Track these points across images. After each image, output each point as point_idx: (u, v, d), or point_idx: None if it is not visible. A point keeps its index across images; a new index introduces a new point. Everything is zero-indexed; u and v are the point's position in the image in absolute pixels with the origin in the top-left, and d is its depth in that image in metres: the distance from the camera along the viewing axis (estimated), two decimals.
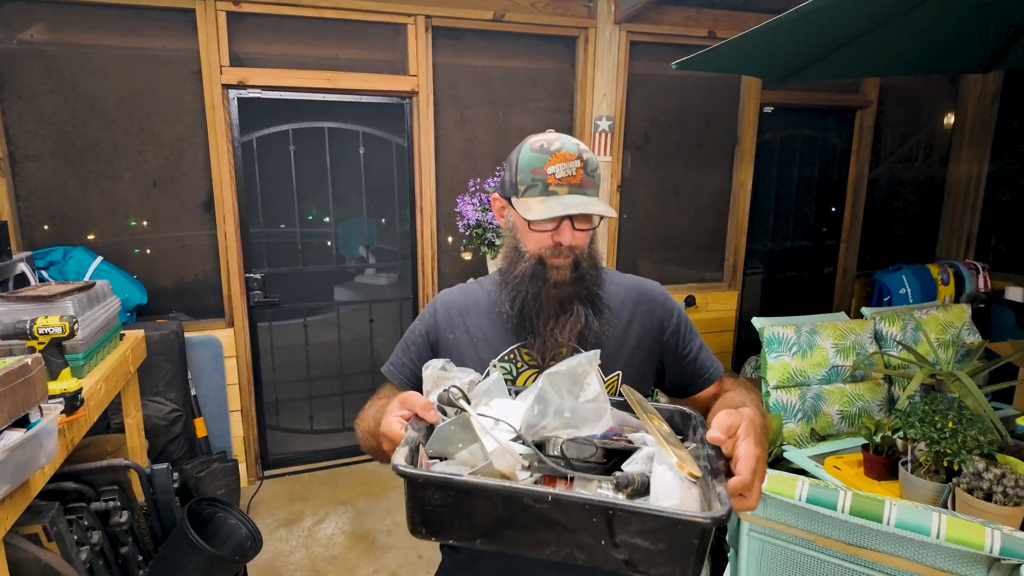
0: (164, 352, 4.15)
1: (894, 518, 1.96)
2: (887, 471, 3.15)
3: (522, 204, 1.62)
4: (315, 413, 5.20)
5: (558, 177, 1.58)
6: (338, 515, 4.46)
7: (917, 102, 6.33)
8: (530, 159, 1.62)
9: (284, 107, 4.59)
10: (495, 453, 1.30)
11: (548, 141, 1.62)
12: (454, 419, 1.37)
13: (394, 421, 1.41)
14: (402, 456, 1.24)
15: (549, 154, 1.60)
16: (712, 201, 5.79)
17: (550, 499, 1.16)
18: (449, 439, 1.37)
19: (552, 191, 1.59)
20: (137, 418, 3.44)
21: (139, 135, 4.28)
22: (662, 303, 1.83)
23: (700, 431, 1.45)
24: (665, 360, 1.83)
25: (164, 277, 4.51)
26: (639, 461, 1.31)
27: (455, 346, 1.80)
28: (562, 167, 1.59)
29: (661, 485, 1.22)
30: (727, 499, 1.16)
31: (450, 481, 1.20)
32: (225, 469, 4.32)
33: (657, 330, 1.80)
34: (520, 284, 1.70)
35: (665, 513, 1.14)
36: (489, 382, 1.50)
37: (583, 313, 1.68)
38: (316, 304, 5.01)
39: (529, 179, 1.61)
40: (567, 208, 1.55)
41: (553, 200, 1.58)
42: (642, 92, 5.32)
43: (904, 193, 6.48)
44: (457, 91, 4.88)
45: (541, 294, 1.68)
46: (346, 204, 4.90)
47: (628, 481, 1.25)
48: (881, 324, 4.30)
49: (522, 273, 1.69)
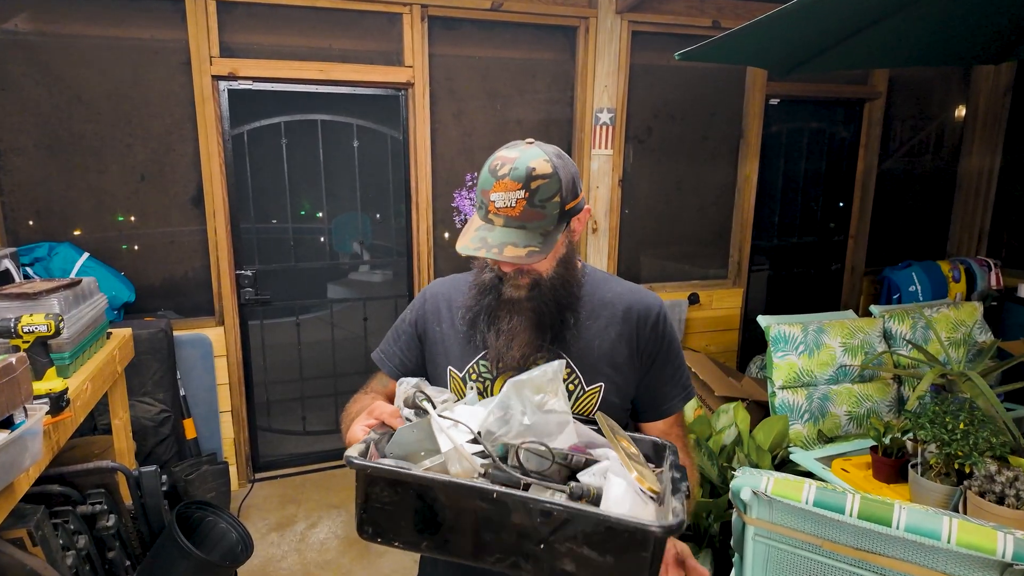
0: (152, 351, 4.15)
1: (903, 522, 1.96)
2: (896, 474, 3.15)
3: (469, 223, 1.62)
4: (308, 414, 5.20)
5: (497, 206, 1.54)
6: (331, 519, 4.46)
7: (927, 94, 6.33)
8: (484, 179, 1.57)
9: (276, 99, 4.58)
10: (450, 454, 1.31)
11: (503, 162, 1.55)
12: (416, 423, 1.37)
13: (358, 430, 1.44)
14: (356, 451, 1.27)
15: (496, 178, 1.54)
16: (716, 196, 5.79)
17: (495, 495, 1.16)
18: (410, 445, 1.37)
19: (490, 219, 1.56)
20: (124, 419, 3.44)
21: (126, 128, 4.27)
22: (652, 319, 1.79)
23: (671, 458, 1.45)
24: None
25: (152, 274, 4.51)
26: (596, 473, 1.31)
27: (440, 341, 1.81)
28: (502, 196, 1.53)
29: (613, 494, 1.21)
30: (681, 512, 1.15)
31: (397, 474, 1.21)
32: (215, 471, 4.32)
33: (636, 343, 1.77)
34: (478, 294, 1.72)
35: (612, 517, 1.12)
36: (465, 400, 1.51)
37: (538, 328, 1.67)
38: (309, 302, 5.01)
39: (479, 199, 1.58)
40: (482, 247, 1.52)
41: (483, 231, 1.55)
42: (644, 84, 5.32)
43: (914, 187, 6.48)
44: (454, 83, 4.88)
45: (497, 309, 1.69)
46: (340, 199, 4.90)
47: (583, 492, 1.24)
48: (890, 322, 4.30)
49: (482, 283, 1.71)
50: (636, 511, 1.20)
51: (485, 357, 1.73)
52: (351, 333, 5.16)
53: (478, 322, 1.71)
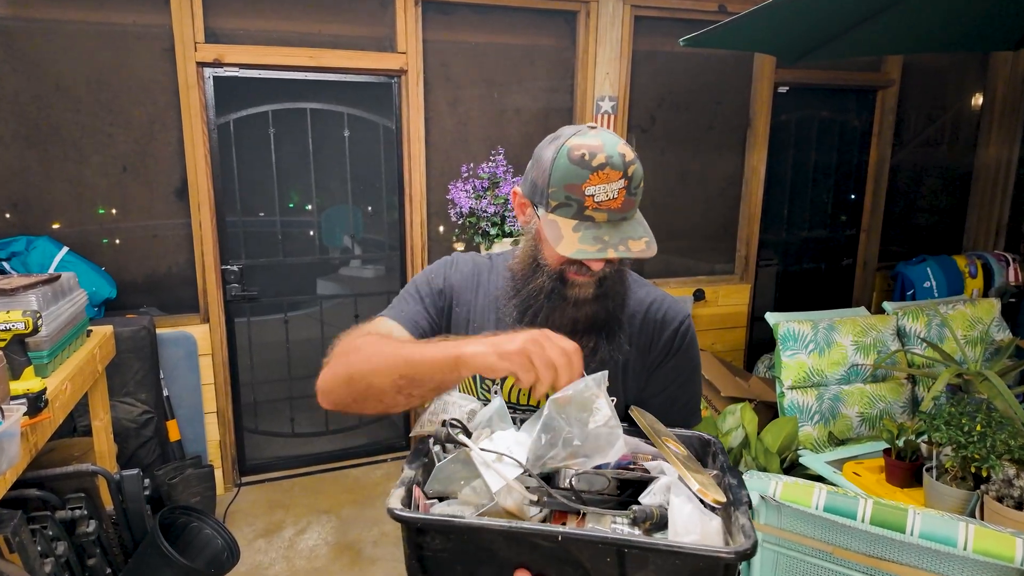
0: (134, 350, 4.15)
1: (918, 528, 1.96)
2: (910, 478, 3.15)
3: (551, 224, 1.49)
4: (296, 415, 5.20)
5: (597, 200, 1.44)
6: (321, 524, 4.46)
7: (943, 82, 6.33)
8: (567, 172, 1.46)
9: (263, 87, 4.57)
10: (501, 491, 1.28)
11: (591, 151, 1.45)
12: (454, 456, 1.34)
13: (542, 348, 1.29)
14: (397, 499, 1.22)
15: (590, 170, 1.44)
16: (723, 188, 5.79)
17: (560, 539, 1.15)
18: (450, 478, 1.33)
19: (587, 216, 1.46)
20: (105, 420, 3.44)
21: (107, 117, 4.26)
22: (671, 329, 1.74)
23: (720, 458, 1.44)
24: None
25: (134, 269, 4.50)
26: (657, 492, 1.29)
27: (462, 325, 1.75)
28: (603, 189, 1.44)
29: (680, 519, 1.20)
30: (752, 531, 1.15)
31: (450, 524, 1.19)
32: (200, 475, 4.32)
33: (648, 353, 1.73)
34: (533, 299, 1.61)
35: (686, 549, 1.12)
36: (491, 410, 1.47)
37: (595, 339, 1.62)
38: (298, 298, 5.00)
39: (563, 196, 1.47)
40: (605, 249, 1.44)
41: (589, 232, 1.45)
42: (648, 71, 5.32)
43: (929, 179, 6.48)
44: (449, 69, 4.87)
45: (556, 314, 1.60)
46: (330, 191, 4.89)
47: (646, 515, 1.23)
48: (904, 320, 4.31)
49: (539, 288, 1.60)
50: (705, 534, 1.19)
51: None
52: (342, 331, 5.15)
53: (531, 321, 1.61)
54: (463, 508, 1.30)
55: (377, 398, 1.44)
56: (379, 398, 1.44)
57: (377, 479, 5.03)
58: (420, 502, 1.30)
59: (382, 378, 1.41)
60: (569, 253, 1.44)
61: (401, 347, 1.44)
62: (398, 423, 5.44)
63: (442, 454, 1.41)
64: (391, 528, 4.37)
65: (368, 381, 1.44)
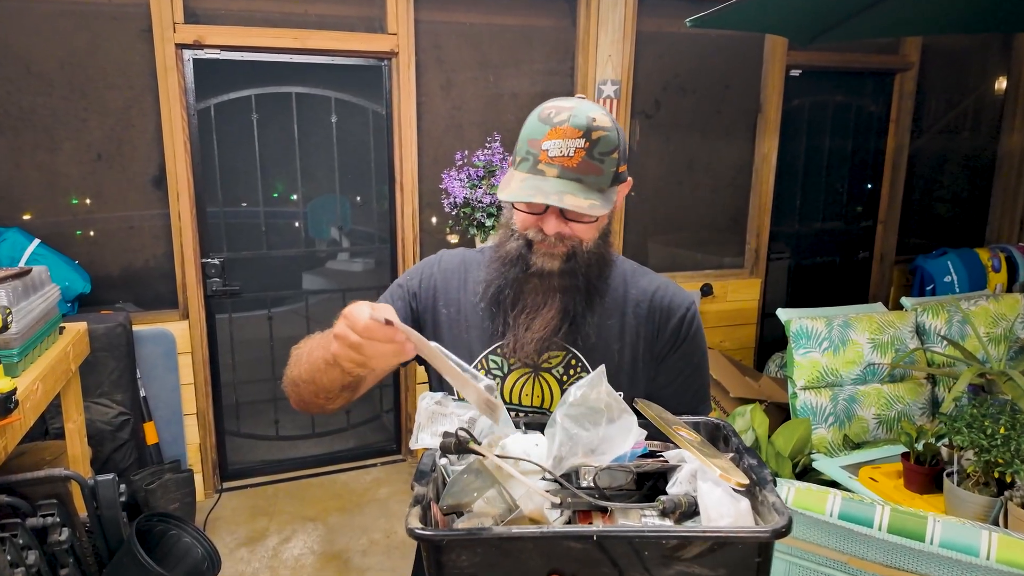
0: (110, 347, 4.14)
1: (938, 536, 1.96)
2: (930, 483, 3.16)
3: (508, 176, 1.58)
4: (281, 417, 5.20)
5: (551, 155, 1.51)
6: (307, 533, 4.46)
7: (965, 65, 6.33)
8: (532, 128, 1.55)
9: (246, 70, 4.56)
10: (524, 496, 1.29)
11: (558, 110, 1.54)
12: (466, 467, 1.34)
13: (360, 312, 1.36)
14: (415, 518, 1.22)
15: (550, 126, 1.52)
16: (732, 177, 5.79)
17: (595, 538, 1.16)
18: (463, 490, 1.33)
19: (539, 169, 1.53)
20: (79, 422, 3.43)
21: (81, 102, 4.25)
22: (677, 317, 1.75)
23: (734, 440, 1.47)
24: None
25: (110, 263, 4.49)
26: (682, 481, 1.32)
27: (447, 325, 1.76)
28: (558, 144, 1.51)
29: (711, 503, 1.23)
30: (783, 507, 1.18)
31: (478, 537, 1.19)
32: (179, 480, 4.31)
33: (654, 343, 1.75)
34: (501, 266, 1.67)
35: (723, 533, 1.16)
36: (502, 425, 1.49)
37: (564, 310, 1.65)
38: (282, 293, 4.99)
39: (525, 150, 1.55)
40: (537, 194, 1.50)
41: (534, 180, 1.52)
42: (652, 53, 5.31)
43: (950, 168, 6.49)
44: (442, 52, 4.86)
45: (520, 280, 1.65)
46: (316, 180, 4.89)
47: (675, 505, 1.26)
48: (923, 316, 4.31)
49: (507, 253, 1.66)
50: (738, 517, 1.22)
51: (495, 351, 1.71)
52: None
53: (500, 300, 1.67)
54: (482, 520, 1.30)
55: (328, 390, 1.55)
56: (331, 390, 1.55)
57: (366, 485, 5.03)
58: (438, 519, 1.30)
59: (319, 373, 1.53)
60: (504, 196, 1.54)
61: (313, 339, 1.59)
62: (388, 426, 5.44)
63: (450, 467, 1.42)
64: (380, 536, 4.37)
65: (314, 379, 1.55)
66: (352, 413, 5.35)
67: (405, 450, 5.36)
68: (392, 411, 5.41)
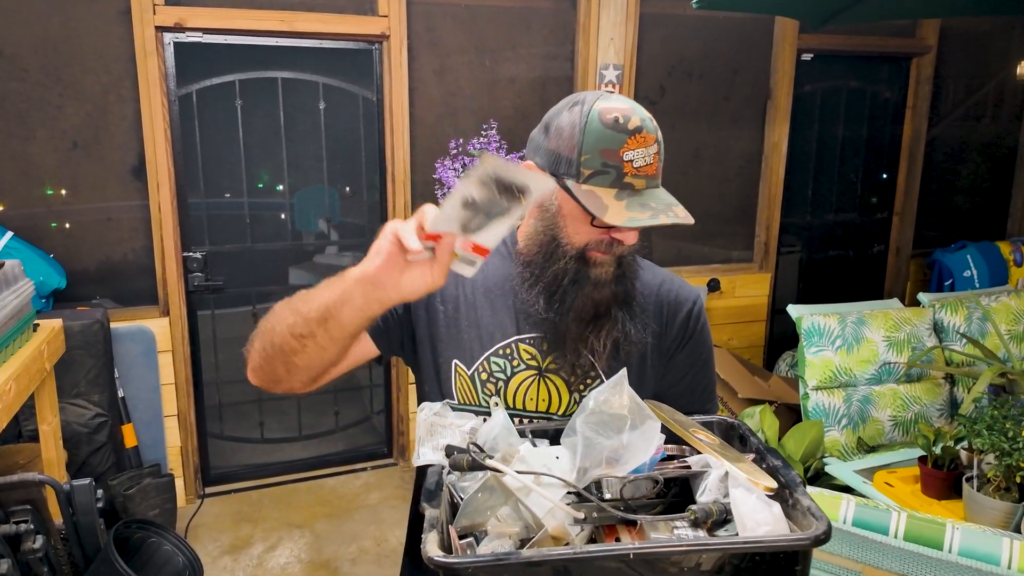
0: (86, 346, 4.13)
1: (957, 544, 1.96)
2: (948, 488, 3.16)
3: (589, 195, 1.50)
4: (266, 419, 5.20)
5: (636, 166, 1.50)
6: (293, 540, 4.46)
7: (984, 48, 6.32)
8: (601, 136, 1.48)
9: (229, 54, 4.55)
10: (548, 514, 1.27)
11: (623, 114, 1.50)
12: (481, 484, 1.33)
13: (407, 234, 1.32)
14: (435, 544, 1.19)
15: (627, 134, 1.48)
16: (740, 166, 5.79)
17: (632, 556, 1.15)
18: (478, 510, 1.32)
19: (627, 183, 1.50)
20: (54, 424, 3.43)
21: (56, 87, 4.24)
22: (684, 312, 1.77)
23: (752, 440, 1.47)
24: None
25: (86, 256, 4.48)
26: (712, 489, 1.32)
27: (446, 324, 1.73)
28: (641, 154, 1.50)
29: (746, 512, 1.23)
30: (820, 511, 1.18)
31: (508, 563, 1.17)
32: (159, 485, 4.31)
33: (660, 340, 1.75)
34: (555, 284, 1.61)
35: (765, 542, 1.16)
36: (496, 425, 1.46)
37: (620, 319, 1.63)
38: (267, 288, 4.99)
39: (599, 163, 1.49)
40: (657, 215, 1.48)
41: (635, 200, 1.49)
42: (657, 36, 5.30)
43: (969, 156, 6.48)
44: (436, 34, 4.85)
45: (580, 297, 1.60)
46: (303, 169, 4.88)
47: (707, 514, 1.25)
48: (941, 313, 4.31)
49: (561, 272, 1.60)
50: (772, 520, 1.22)
51: (498, 352, 1.68)
52: None
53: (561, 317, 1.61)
54: (503, 542, 1.28)
55: (306, 363, 1.54)
56: (307, 362, 1.54)
57: (356, 490, 5.03)
58: (456, 544, 1.28)
59: (293, 340, 1.51)
60: (621, 222, 1.47)
61: (291, 299, 1.56)
62: (379, 429, 5.44)
63: (459, 483, 1.40)
64: (371, 544, 4.37)
65: (281, 348, 1.55)
66: (341, 415, 5.34)
67: (396, 454, 5.36)
68: (383, 413, 5.41)
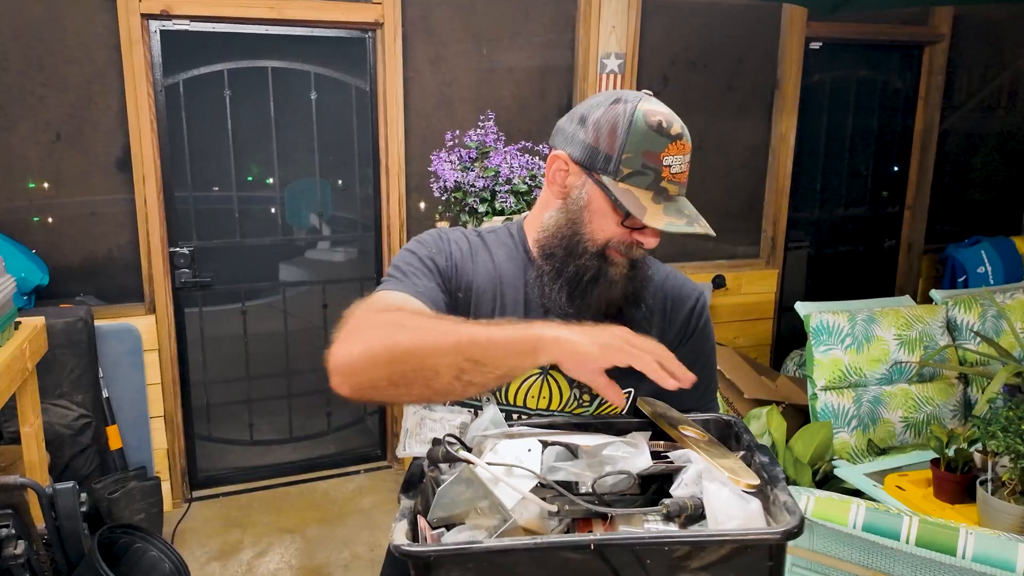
0: (69, 344, 4.13)
1: (971, 550, 1.96)
2: (962, 492, 3.16)
3: (626, 194, 1.55)
4: (255, 420, 5.20)
5: (673, 172, 1.56)
6: (284, 546, 4.45)
7: (1000, 36, 6.32)
8: (644, 137, 1.54)
9: (218, 42, 4.55)
10: (516, 506, 1.29)
11: (665, 119, 1.55)
12: (456, 476, 1.34)
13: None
14: (402, 533, 1.21)
15: (669, 139, 1.54)
16: (746, 158, 5.79)
17: (592, 547, 1.16)
18: (454, 501, 1.34)
19: (663, 188, 1.56)
20: (36, 426, 3.42)
21: (38, 77, 4.23)
22: (687, 308, 1.81)
23: (746, 437, 1.48)
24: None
25: (70, 252, 4.48)
26: (688, 483, 1.32)
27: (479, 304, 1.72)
28: (678, 161, 1.56)
29: (718, 505, 1.24)
30: (795, 506, 1.19)
31: (467, 551, 1.19)
32: (144, 489, 4.31)
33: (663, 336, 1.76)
34: (578, 279, 1.64)
35: (731, 536, 1.18)
36: (486, 420, 1.48)
37: (631, 317, 1.67)
38: (257, 285, 4.99)
39: (639, 163, 1.54)
40: (691, 223, 1.56)
41: (671, 205, 1.57)
42: (660, 24, 5.30)
43: (983, 148, 6.48)
44: (431, 22, 4.84)
45: (598, 296, 1.64)
46: (294, 162, 4.88)
47: (680, 508, 1.26)
48: (955, 310, 4.31)
49: (583, 268, 1.63)
50: (748, 519, 1.23)
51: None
52: (308, 323, 5.15)
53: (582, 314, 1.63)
54: (475, 533, 1.30)
55: (426, 382, 1.38)
56: (429, 382, 1.38)
57: (348, 494, 5.02)
58: (426, 534, 1.30)
59: (440, 359, 1.36)
60: (660, 225, 1.53)
61: (459, 325, 1.41)
62: (373, 431, 5.44)
63: (440, 476, 1.41)
64: (364, 550, 4.37)
65: (421, 361, 1.37)
66: (333, 416, 5.34)
67: (391, 456, 5.36)
68: (376, 414, 5.41)
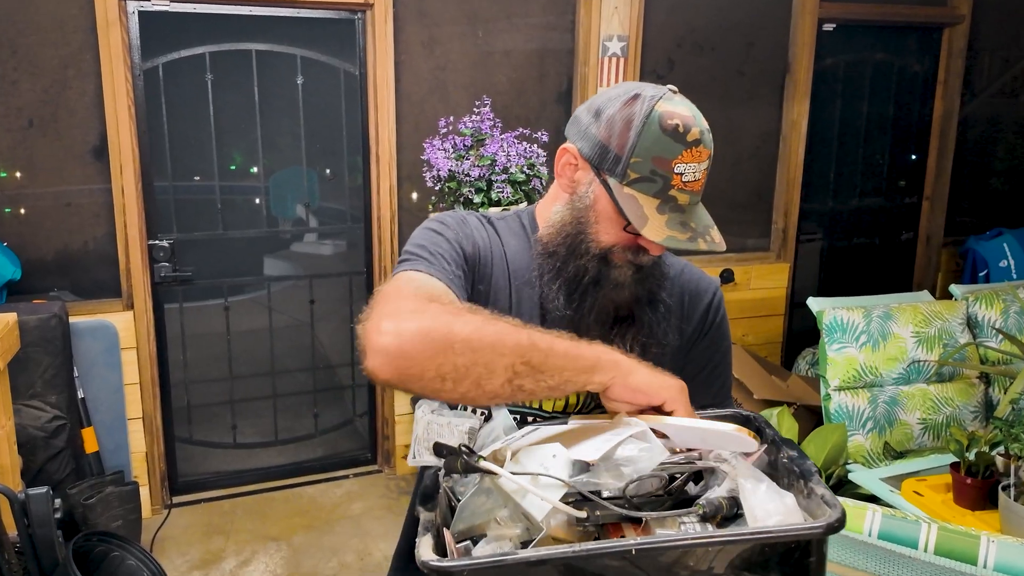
0: (43, 342, 4.13)
1: (992, 559, 1.96)
2: (983, 498, 3.16)
3: (630, 200, 1.53)
4: (239, 422, 5.19)
5: (684, 180, 1.52)
6: (268, 554, 4.45)
7: (1022, 18, 6.32)
8: (657, 142, 1.50)
9: (199, 24, 4.54)
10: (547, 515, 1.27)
11: (684, 122, 1.51)
12: (476, 488, 1.34)
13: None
14: (428, 548, 1.20)
15: (684, 145, 1.51)
16: (756, 146, 5.78)
17: (634, 552, 1.16)
18: (475, 513, 1.34)
19: (671, 196, 1.53)
20: (7, 428, 3.42)
21: (10, 61, 4.22)
22: (704, 304, 1.81)
23: (768, 432, 1.47)
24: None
25: (43, 245, 4.48)
26: (722, 483, 1.33)
27: (496, 301, 1.71)
28: (692, 168, 1.52)
29: (756, 502, 1.25)
30: (834, 499, 1.20)
31: (504, 563, 1.18)
32: (122, 494, 4.31)
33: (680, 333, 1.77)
34: (577, 280, 1.63)
35: (775, 533, 1.18)
36: (496, 426, 1.49)
37: (646, 321, 1.66)
38: (241, 280, 4.99)
39: (648, 168, 1.51)
40: (696, 238, 1.53)
41: (676, 217, 1.53)
42: (665, 5, 5.29)
43: (1006, 136, 6.48)
44: (424, 3, 4.83)
45: (600, 298, 1.64)
46: (279, 150, 4.87)
47: (715, 508, 1.27)
48: (976, 306, 4.31)
49: (583, 269, 1.62)
50: (785, 511, 1.23)
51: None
52: (294, 320, 5.15)
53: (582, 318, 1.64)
54: (501, 544, 1.29)
55: (478, 380, 1.34)
56: (480, 380, 1.34)
57: (336, 499, 5.02)
58: (451, 547, 1.29)
59: (498, 357, 1.34)
60: (659, 239, 1.50)
61: (521, 326, 1.39)
62: (362, 433, 5.44)
63: (456, 486, 1.41)
64: (353, 559, 4.37)
65: (478, 356, 1.34)
66: (321, 418, 5.34)
67: (381, 460, 5.35)
68: (367, 415, 5.41)
